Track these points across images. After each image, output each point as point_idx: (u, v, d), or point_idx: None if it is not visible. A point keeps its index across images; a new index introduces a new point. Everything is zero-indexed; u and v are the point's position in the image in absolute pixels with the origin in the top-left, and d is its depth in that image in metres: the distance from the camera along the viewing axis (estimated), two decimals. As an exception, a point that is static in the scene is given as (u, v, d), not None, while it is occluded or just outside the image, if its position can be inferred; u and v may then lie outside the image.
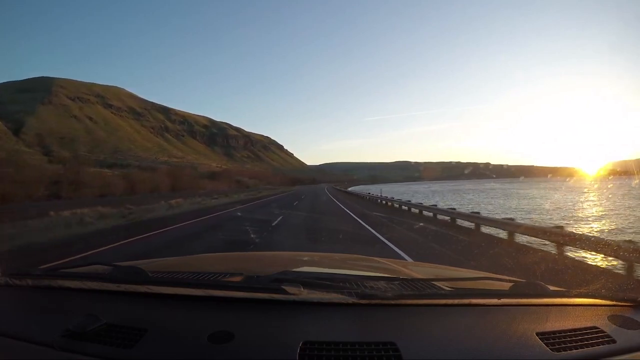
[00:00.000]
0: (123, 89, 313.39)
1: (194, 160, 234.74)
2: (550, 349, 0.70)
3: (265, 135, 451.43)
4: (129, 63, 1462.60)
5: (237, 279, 0.95)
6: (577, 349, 0.72)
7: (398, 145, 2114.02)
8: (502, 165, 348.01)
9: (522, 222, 9.11)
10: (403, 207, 16.74)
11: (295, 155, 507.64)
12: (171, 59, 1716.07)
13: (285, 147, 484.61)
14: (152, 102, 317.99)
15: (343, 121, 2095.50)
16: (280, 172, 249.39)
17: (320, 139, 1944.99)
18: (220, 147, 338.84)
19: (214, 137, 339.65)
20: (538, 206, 25.89)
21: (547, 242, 6.60)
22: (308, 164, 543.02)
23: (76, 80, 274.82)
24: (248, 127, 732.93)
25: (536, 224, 8.93)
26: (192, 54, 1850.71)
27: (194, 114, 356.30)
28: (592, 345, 0.73)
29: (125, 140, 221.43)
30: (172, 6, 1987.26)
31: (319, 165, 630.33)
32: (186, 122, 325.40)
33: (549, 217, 18.84)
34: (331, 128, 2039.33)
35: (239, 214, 15.93)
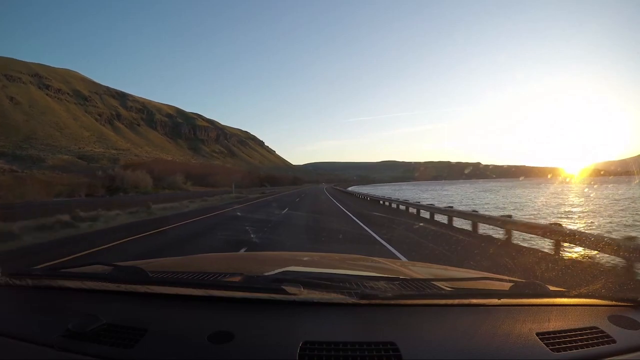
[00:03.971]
0: (76, 72, 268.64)
1: (144, 152, 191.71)
2: (550, 349, 0.70)
3: (244, 130, 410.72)
4: (98, 51, 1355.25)
5: (237, 279, 0.95)
6: (577, 349, 0.71)
7: (385, 145, 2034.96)
8: (502, 166, 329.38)
9: None
10: None
11: (277, 153, 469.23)
12: (151, 48, 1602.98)
13: (267, 145, 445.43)
14: (106, 87, 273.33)
15: (329, 121, 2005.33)
16: (253, 170, 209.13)
17: (305, 139, 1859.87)
18: (186, 140, 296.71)
19: (178, 128, 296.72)
20: None
21: None
22: (293, 163, 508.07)
23: (15, 59, 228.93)
24: (228, 123, 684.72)
25: None
26: (173, 45, 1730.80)
27: (157, 102, 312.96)
28: (592, 345, 0.73)
29: (51, 126, 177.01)
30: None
31: (304, 165, 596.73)
32: (145, 109, 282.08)
33: None
34: (316, 128, 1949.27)
35: None
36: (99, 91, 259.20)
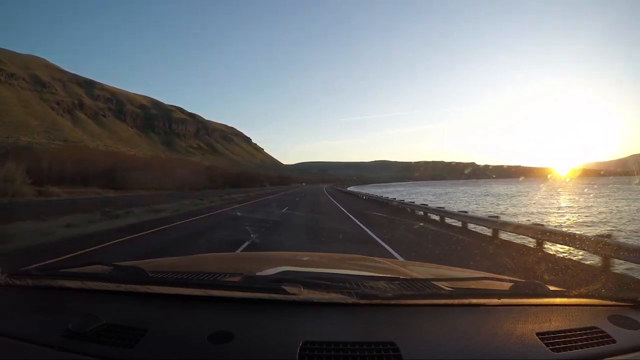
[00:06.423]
0: (42, 58, 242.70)
1: (101, 146, 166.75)
2: (550, 349, 0.70)
3: (230, 126, 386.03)
4: (75, 39, 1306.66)
5: (237, 279, 0.95)
6: (577, 349, 0.71)
7: (383, 145, 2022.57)
8: (502, 166, 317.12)
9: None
10: None
11: (266, 151, 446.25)
12: (134, 36, 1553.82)
13: (256, 143, 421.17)
14: (73, 74, 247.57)
15: (327, 120, 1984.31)
16: (233, 166, 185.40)
17: (299, 137, 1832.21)
18: (159, 134, 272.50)
19: (151, 120, 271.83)
20: None
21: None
22: (284, 162, 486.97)
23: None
24: (214, 118, 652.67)
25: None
26: (160, 36, 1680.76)
27: (131, 92, 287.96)
28: (592, 345, 0.73)
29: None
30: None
31: (295, 164, 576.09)
32: (115, 99, 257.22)
33: None
34: (311, 127, 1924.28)
35: None
36: (63, 78, 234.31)
